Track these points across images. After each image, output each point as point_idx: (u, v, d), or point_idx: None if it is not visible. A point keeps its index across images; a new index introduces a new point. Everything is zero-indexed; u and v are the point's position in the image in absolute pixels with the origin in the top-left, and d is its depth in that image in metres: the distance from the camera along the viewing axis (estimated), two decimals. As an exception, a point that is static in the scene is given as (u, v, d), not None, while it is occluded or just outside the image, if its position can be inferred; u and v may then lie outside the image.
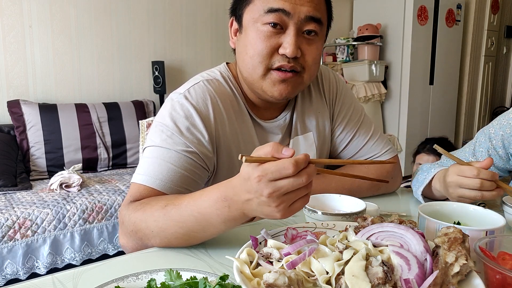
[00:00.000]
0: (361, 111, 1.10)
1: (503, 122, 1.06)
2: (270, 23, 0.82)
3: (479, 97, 4.87)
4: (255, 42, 0.84)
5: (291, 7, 0.81)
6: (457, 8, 4.37)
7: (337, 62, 4.18)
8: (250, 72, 0.87)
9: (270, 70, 0.86)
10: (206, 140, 0.86)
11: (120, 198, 2.13)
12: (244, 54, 0.87)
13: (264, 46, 0.83)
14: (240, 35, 0.89)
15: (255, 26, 0.84)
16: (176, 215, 0.68)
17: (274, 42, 0.83)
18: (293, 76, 0.86)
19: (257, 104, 0.97)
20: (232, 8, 0.92)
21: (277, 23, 0.82)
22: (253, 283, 0.52)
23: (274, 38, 0.83)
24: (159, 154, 0.82)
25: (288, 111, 1.02)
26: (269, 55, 0.84)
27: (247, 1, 0.86)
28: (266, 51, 0.84)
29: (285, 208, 0.58)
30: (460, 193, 0.84)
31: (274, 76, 0.86)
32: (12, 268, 1.83)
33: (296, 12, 0.82)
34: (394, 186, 1.10)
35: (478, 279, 0.51)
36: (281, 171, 0.55)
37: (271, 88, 0.87)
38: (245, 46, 0.87)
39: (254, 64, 0.86)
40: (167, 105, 0.88)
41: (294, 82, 0.88)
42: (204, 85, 0.91)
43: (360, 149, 1.07)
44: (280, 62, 0.84)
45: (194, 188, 0.83)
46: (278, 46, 0.84)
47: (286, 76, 0.85)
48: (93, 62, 2.98)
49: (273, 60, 0.85)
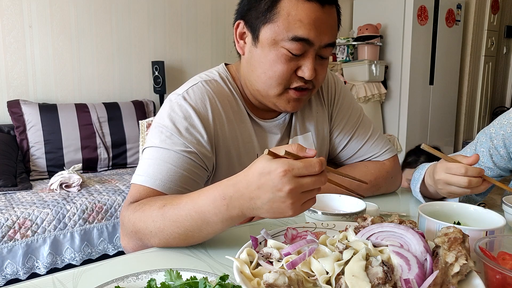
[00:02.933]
0: (360, 111, 1.10)
1: (503, 122, 1.06)
2: (292, 51, 0.83)
3: (479, 97, 4.87)
4: (275, 64, 0.85)
5: (315, 37, 0.83)
6: (457, 8, 4.37)
7: (337, 62, 4.18)
8: (266, 89, 0.89)
9: (287, 90, 0.89)
10: (205, 140, 0.86)
11: (120, 198, 2.13)
12: (261, 72, 0.88)
13: (284, 70, 0.85)
14: (255, 48, 0.88)
15: (275, 47, 0.84)
16: (173, 215, 0.69)
17: (294, 65, 0.86)
18: (306, 94, 0.91)
19: (256, 106, 0.98)
20: (241, 12, 0.90)
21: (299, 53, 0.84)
22: (253, 283, 0.52)
23: (294, 61, 0.86)
24: (159, 155, 0.82)
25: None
26: (288, 77, 0.87)
27: (269, 19, 0.84)
28: (286, 74, 0.86)
29: (298, 206, 0.60)
30: (448, 189, 0.87)
31: (291, 95, 0.89)
32: (12, 268, 1.83)
33: (318, 41, 0.84)
34: (394, 186, 1.10)
35: (478, 279, 0.51)
36: (308, 168, 0.58)
37: (285, 105, 0.91)
38: (262, 64, 0.87)
39: (272, 84, 0.88)
40: (166, 106, 0.89)
41: (306, 99, 0.93)
42: (203, 86, 0.91)
43: (359, 149, 1.07)
44: (298, 83, 0.88)
45: (194, 188, 0.83)
46: (296, 68, 0.86)
47: (301, 95, 0.90)
48: (93, 62, 2.98)
49: (291, 81, 0.88)
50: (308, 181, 0.59)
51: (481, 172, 0.82)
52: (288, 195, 0.58)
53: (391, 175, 1.07)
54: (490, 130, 1.09)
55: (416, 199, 1.02)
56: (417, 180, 0.99)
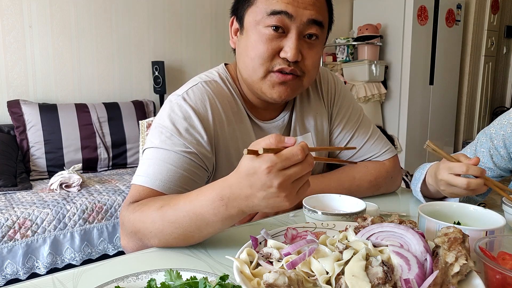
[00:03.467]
0: (360, 111, 1.10)
1: (503, 122, 1.06)
2: (272, 26, 0.82)
3: (479, 97, 4.87)
4: (256, 44, 0.84)
5: (294, 10, 0.81)
6: (457, 8, 4.37)
7: (337, 62, 4.18)
8: (250, 73, 0.88)
9: (270, 72, 0.86)
10: (205, 141, 0.86)
11: (120, 198, 2.13)
12: (245, 56, 0.88)
13: (265, 49, 0.84)
14: (241, 36, 0.90)
15: (257, 28, 0.84)
16: (172, 216, 0.69)
17: (276, 45, 0.84)
18: (292, 79, 0.87)
19: (256, 105, 0.98)
20: (233, 8, 0.92)
21: (279, 26, 0.82)
22: (253, 283, 0.52)
23: (276, 41, 0.83)
24: (158, 155, 0.82)
25: (287, 112, 1.02)
26: (270, 58, 0.84)
27: (250, 3, 0.86)
28: (268, 54, 0.84)
29: (293, 196, 0.60)
30: (450, 190, 0.87)
31: (274, 78, 0.86)
32: (12, 268, 1.83)
33: (299, 15, 0.82)
34: (394, 186, 1.10)
35: (478, 279, 0.51)
36: (291, 158, 0.57)
37: (270, 90, 0.88)
38: (246, 48, 0.87)
39: (255, 66, 0.86)
40: (166, 107, 0.89)
41: (293, 85, 0.88)
42: (203, 87, 0.91)
43: (359, 149, 1.07)
44: (280, 65, 0.85)
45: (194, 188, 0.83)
46: (279, 49, 0.84)
47: (285, 78, 0.86)
48: (93, 62, 2.98)
49: (273, 63, 0.85)
50: (295, 170, 0.58)
51: (482, 172, 0.83)
52: (279, 189, 0.58)
53: (391, 175, 1.07)
54: (490, 130, 1.09)
55: (416, 199, 1.02)
56: (417, 180, 0.99)
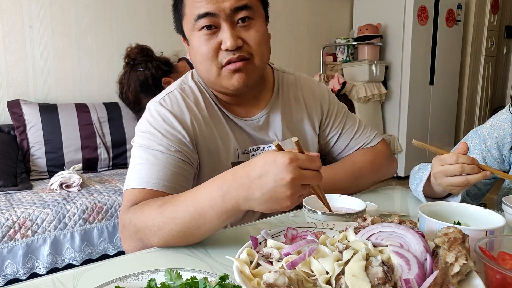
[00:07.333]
0: (343, 106, 1.17)
1: (497, 124, 1.06)
2: (204, 27, 0.87)
3: (479, 97, 4.87)
4: (199, 48, 0.89)
5: (215, 7, 0.85)
6: (457, 8, 4.37)
7: (337, 62, 4.18)
8: (206, 75, 0.93)
9: (222, 68, 0.90)
10: (187, 140, 0.91)
11: (120, 198, 2.13)
12: (196, 62, 0.93)
13: (207, 49, 0.88)
14: (189, 47, 0.95)
15: (193, 34, 0.90)
16: (172, 211, 0.71)
17: (215, 42, 0.88)
18: (244, 64, 0.90)
19: (228, 102, 1.00)
20: (176, 27, 0.97)
21: (210, 25, 0.87)
22: (253, 283, 0.52)
23: (213, 38, 0.88)
24: (146, 158, 0.86)
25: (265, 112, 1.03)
26: (215, 55, 0.88)
27: (181, 16, 0.92)
28: (211, 52, 0.88)
29: (295, 197, 0.63)
30: (447, 181, 0.87)
31: (227, 71, 0.90)
32: (12, 268, 1.83)
33: (221, 10, 0.85)
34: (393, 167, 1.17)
35: (478, 279, 0.51)
36: (311, 162, 0.63)
37: (229, 81, 0.91)
38: (194, 55, 0.92)
39: (206, 68, 0.91)
40: (146, 114, 0.94)
41: (247, 69, 0.91)
42: (178, 92, 0.96)
43: (349, 141, 1.12)
44: (226, 58, 0.88)
45: (186, 184, 0.88)
46: (219, 44, 0.88)
47: (236, 66, 0.89)
48: (93, 62, 2.98)
49: (220, 58, 0.89)
50: (310, 174, 0.62)
51: (474, 160, 0.84)
52: (289, 184, 0.61)
53: (386, 154, 1.13)
54: (483, 131, 1.09)
55: (416, 199, 1.02)
56: (419, 180, 0.99)
